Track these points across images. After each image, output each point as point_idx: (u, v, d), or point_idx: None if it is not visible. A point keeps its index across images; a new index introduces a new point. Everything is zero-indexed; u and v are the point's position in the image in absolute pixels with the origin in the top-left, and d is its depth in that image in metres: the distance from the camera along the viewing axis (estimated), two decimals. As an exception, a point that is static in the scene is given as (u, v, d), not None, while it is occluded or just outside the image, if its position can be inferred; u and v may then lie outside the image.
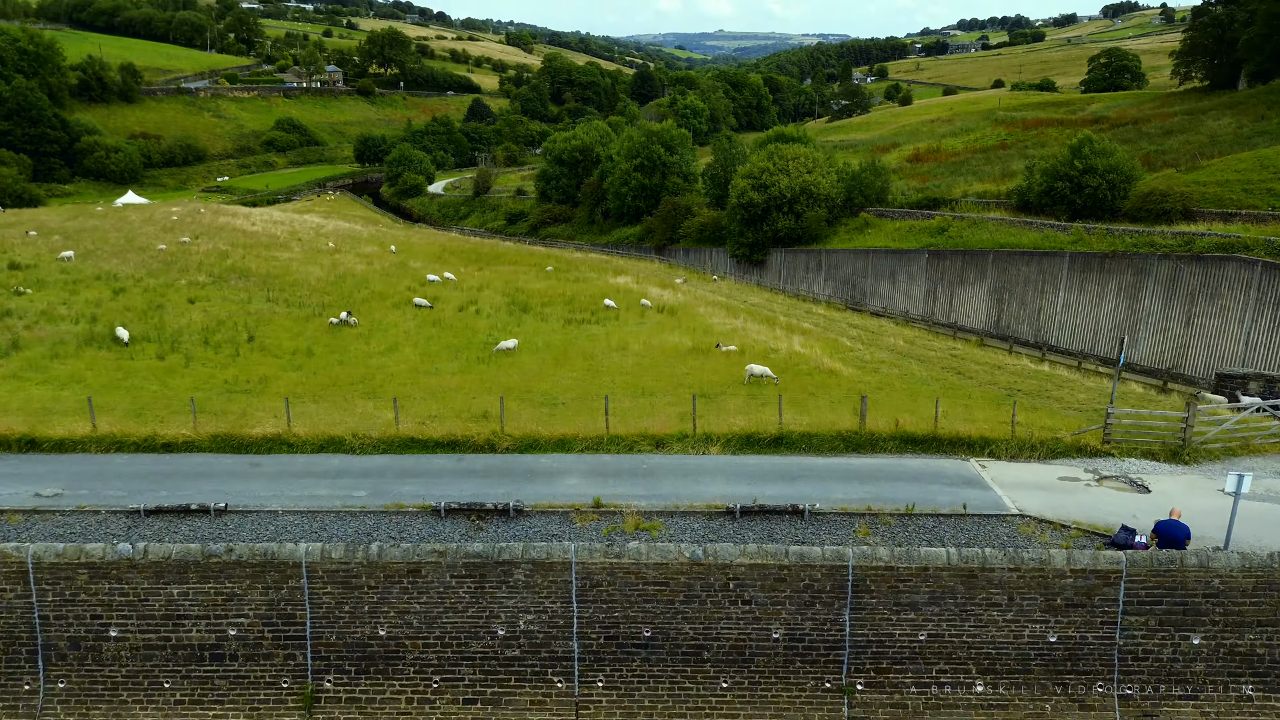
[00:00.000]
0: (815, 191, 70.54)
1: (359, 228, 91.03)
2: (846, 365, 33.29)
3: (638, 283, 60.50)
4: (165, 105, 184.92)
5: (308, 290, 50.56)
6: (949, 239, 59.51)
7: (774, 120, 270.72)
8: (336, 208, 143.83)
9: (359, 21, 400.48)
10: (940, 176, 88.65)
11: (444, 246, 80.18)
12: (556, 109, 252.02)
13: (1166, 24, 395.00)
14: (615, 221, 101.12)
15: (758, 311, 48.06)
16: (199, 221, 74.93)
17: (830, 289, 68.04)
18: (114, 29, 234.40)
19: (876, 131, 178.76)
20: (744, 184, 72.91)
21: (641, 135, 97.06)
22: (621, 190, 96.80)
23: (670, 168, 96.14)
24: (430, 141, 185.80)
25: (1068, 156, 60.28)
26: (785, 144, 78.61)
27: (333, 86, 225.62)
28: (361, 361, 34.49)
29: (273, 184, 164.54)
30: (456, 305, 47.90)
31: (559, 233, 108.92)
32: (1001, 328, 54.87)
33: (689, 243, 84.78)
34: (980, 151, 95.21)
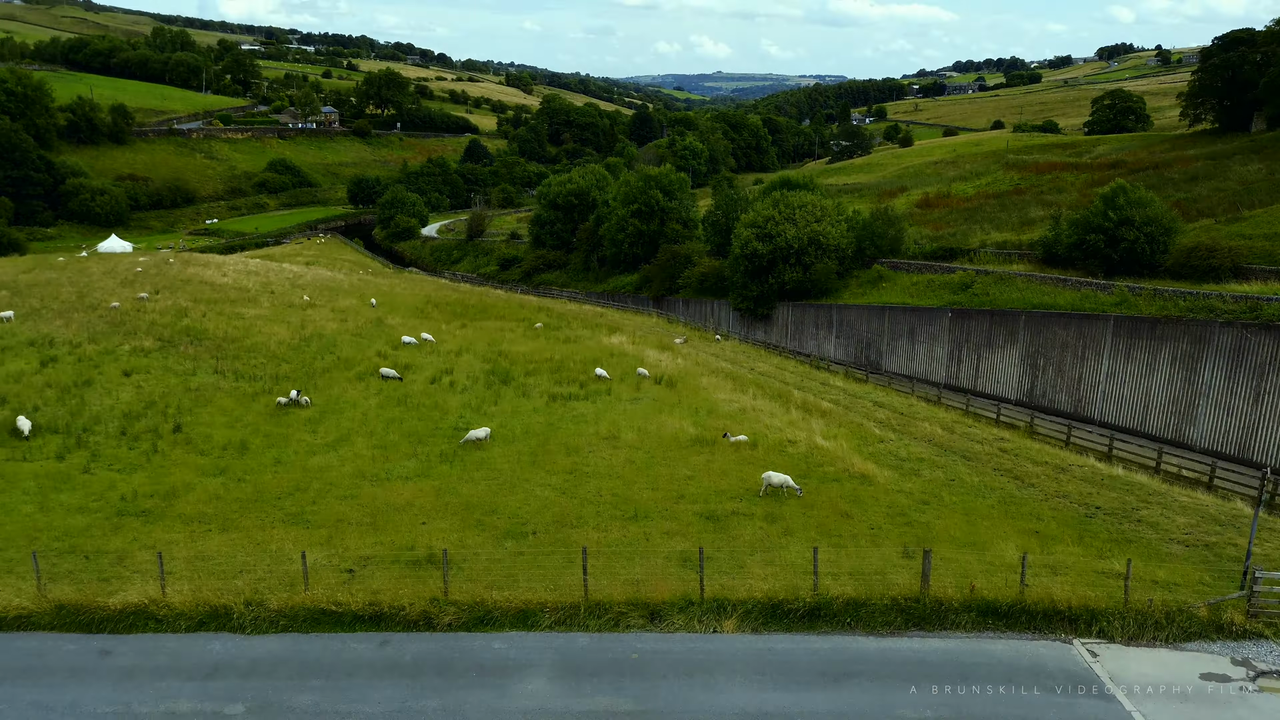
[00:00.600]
0: (824, 242, 65.42)
1: (341, 276, 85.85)
2: (881, 466, 27.61)
3: (634, 343, 55.05)
4: (156, 146, 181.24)
5: (265, 357, 45.04)
6: (974, 296, 54.16)
7: (773, 161, 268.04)
8: (324, 252, 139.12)
9: (359, 63, 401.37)
10: (954, 224, 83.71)
11: (428, 298, 74.90)
12: (554, 150, 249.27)
13: (1163, 66, 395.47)
14: (611, 269, 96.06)
15: (768, 383, 42.49)
16: (165, 274, 69.64)
17: (843, 348, 62.57)
18: (110, 70, 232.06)
19: (879, 174, 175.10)
20: (747, 233, 67.84)
21: (639, 180, 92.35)
22: (618, 237, 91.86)
23: (669, 213, 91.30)
24: (425, 183, 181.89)
25: (1100, 207, 55.17)
26: (791, 191, 73.71)
27: (329, 127, 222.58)
28: (301, 460, 28.80)
29: (263, 226, 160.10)
30: (429, 375, 42.34)
31: (553, 279, 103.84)
32: (1036, 396, 49.31)
33: (689, 293, 79.54)
34: (994, 197, 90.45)
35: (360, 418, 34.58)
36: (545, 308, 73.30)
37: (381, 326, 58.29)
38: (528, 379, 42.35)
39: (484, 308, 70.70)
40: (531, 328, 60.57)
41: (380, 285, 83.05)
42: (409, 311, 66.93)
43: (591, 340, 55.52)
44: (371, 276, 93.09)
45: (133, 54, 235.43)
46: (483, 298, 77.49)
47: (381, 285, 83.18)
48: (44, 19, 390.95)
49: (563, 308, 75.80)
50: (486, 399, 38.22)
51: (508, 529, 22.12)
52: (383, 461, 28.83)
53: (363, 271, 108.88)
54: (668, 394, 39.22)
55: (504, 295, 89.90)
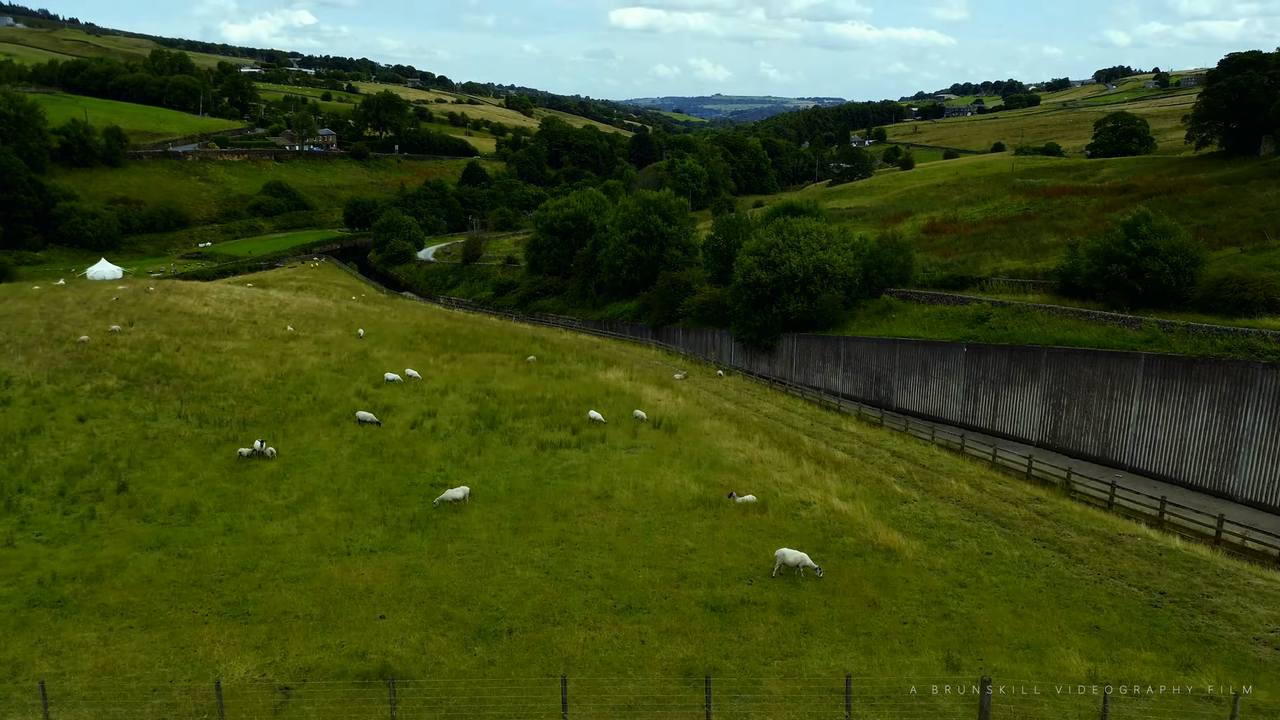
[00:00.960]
0: (830, 270, 62.49)
1: (330, 304, 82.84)
2: (907, 536, 24.40)
3: (631, 379, 51.91)
4: (151, 169, 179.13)
5: (236, 398, 41.90)
6: (990, 330, 51.11)
7: (773, 183, 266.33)
8: (318, 276, 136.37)
9: (360, 85, 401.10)
10: (963, 250, 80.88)
11: (418, 327, 71.81)
12: (553, 172, 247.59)
13: (1161, 88, 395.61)
14: (609, 295, 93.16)
15: (775, 428, 39.31)
16: (142, 304, 66.67)
17: (851, 382, 59.46)
18: (107, 93, 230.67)
19: (880, 196, 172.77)
20: (750, 261, 64.93)
21: (637, 205, 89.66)
22: (616, 263, 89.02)
23: (668, 239, 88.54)
24: (422, 205, 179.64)
25: (1121, 236, 52.23)
26: (795, 217, 70.90)
27: (326, 149, 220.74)
28: (255, 529, 25.58)
29: (256, 250, 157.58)
30: (410, 419, 39.18)
31: (549, 306, 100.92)
32: (1059, 438, 46.13)
33: (689, 322, 76.55)
34: (1002, 222, 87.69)
35: (329, 472, 31.37)
36: (540, 338, 70.22)
37: (366, 360, 55.21)
38: (516, 422, 39.20)
39: (475, 338, 67.62)
40: (524, 361, 57.48)
41: (370, 314, 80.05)
42: (397, 343, 63.87)
43: (586, 376, 52.41)
44: (362, 304, 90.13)
45: (130, 76, 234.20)
46: (475, 327, 74.44)
47: (371, 314, 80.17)
48: (45, 42, 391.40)
49: (558, 338, 72.74)
50: (470, 447, 35.05)
51: (479, 625, 18.88)
52: (346, 529, 25.60)
53: (355, 297, 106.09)
54: (667, 441, 36.05)
55: (498, 323, 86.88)
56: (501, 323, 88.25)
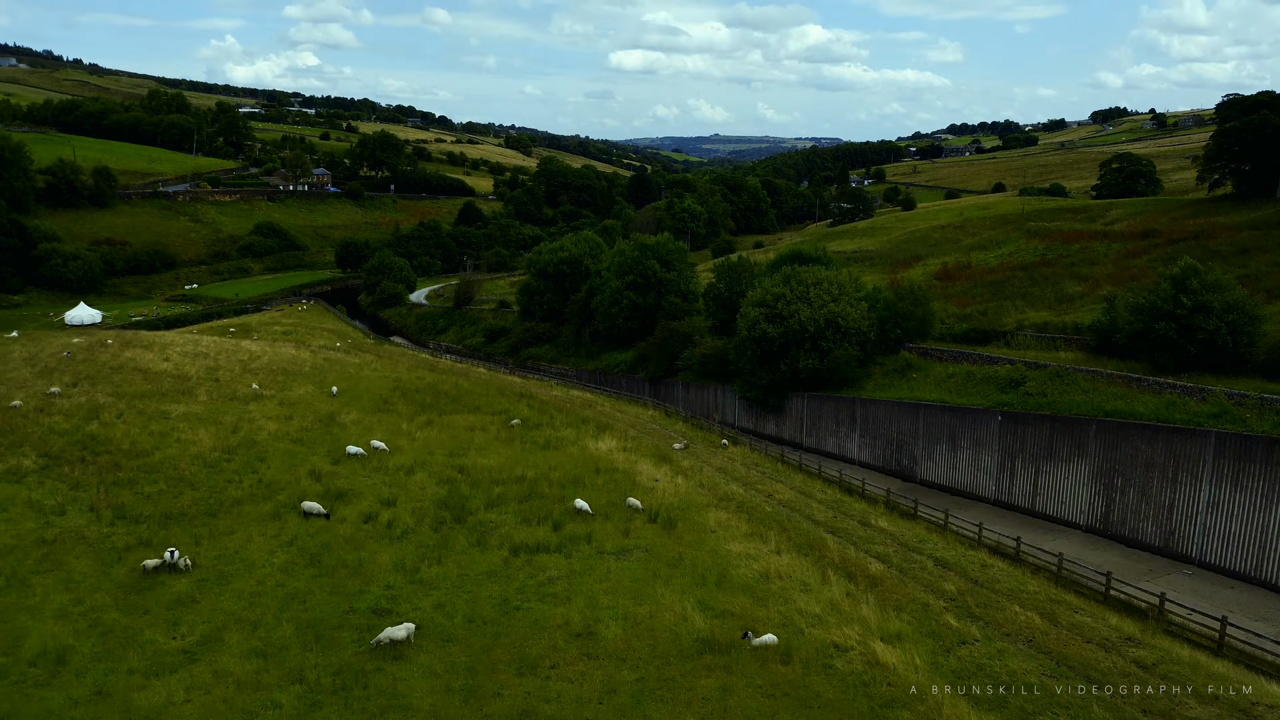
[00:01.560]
0: (843, 324, 57.05)
1: (306, 355, 77.30)
2: (978, 710, 18.48)
3: (625, 449, 46.18)
4: (140, 209, 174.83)
5: (167, 481, 36.13)
6: (1027, 397, 45.49)
7: (772, 223, 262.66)
8: (304, 320, 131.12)
9: (360, 125, 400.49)
10: (980, 299, 75.64)
11: (398, 383, 66.19)
12: (551, 211, 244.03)
13: (1159, 129, 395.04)
14: (605, 344, 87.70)
15: (792, 521, 33.46)
16: (95, 359, 61.10)
17: (869, 449, 53.69)
18: (101, 132, 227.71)
19: (884, 238, 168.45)
20: (755, 313, 59.55)
21: (634, 249, 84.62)
22: (612, 310, 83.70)
23: (666, 285, 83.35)
24: (415, 246, 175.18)
25: (1168, 290, 46.90)
26: (803, 265, 65.69)
27: (321, 189, 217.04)
28: (131, 694, 19.65)
29: (244, 292, 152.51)
30: (365, 509, 33.38)
31: (541, 354, 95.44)
32: (1112, 523, 40.28)
33: (689, 376, 70.98)
34: (1020, 269, 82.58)
35: (251, 592, 25.52)
36: (528, 394, 64.59)
37: (331, 427, 49.52)
38: (489, 513, 33.42)
39: (458, 396, 61.94)
40: (507, 425, 51.80)
41: (348, 366, 74.45)
42: (371, 403, 58.19)
43: (575, 445, 46.70)
44: (343, 353, 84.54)
45: (124, 116, 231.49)
46: (460, 381, 68.80)
47: (350, 366, 74.57)
48: (46, 82, 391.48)
49: (548, 393, 67.12)
50: (429, 551, 29.25)
51: None
52: (250, 692, 19.67)
53: (339, 344, 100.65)
54: (665, 541, 30.23)
55: (485, 375, 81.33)
56: (489, 374, 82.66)
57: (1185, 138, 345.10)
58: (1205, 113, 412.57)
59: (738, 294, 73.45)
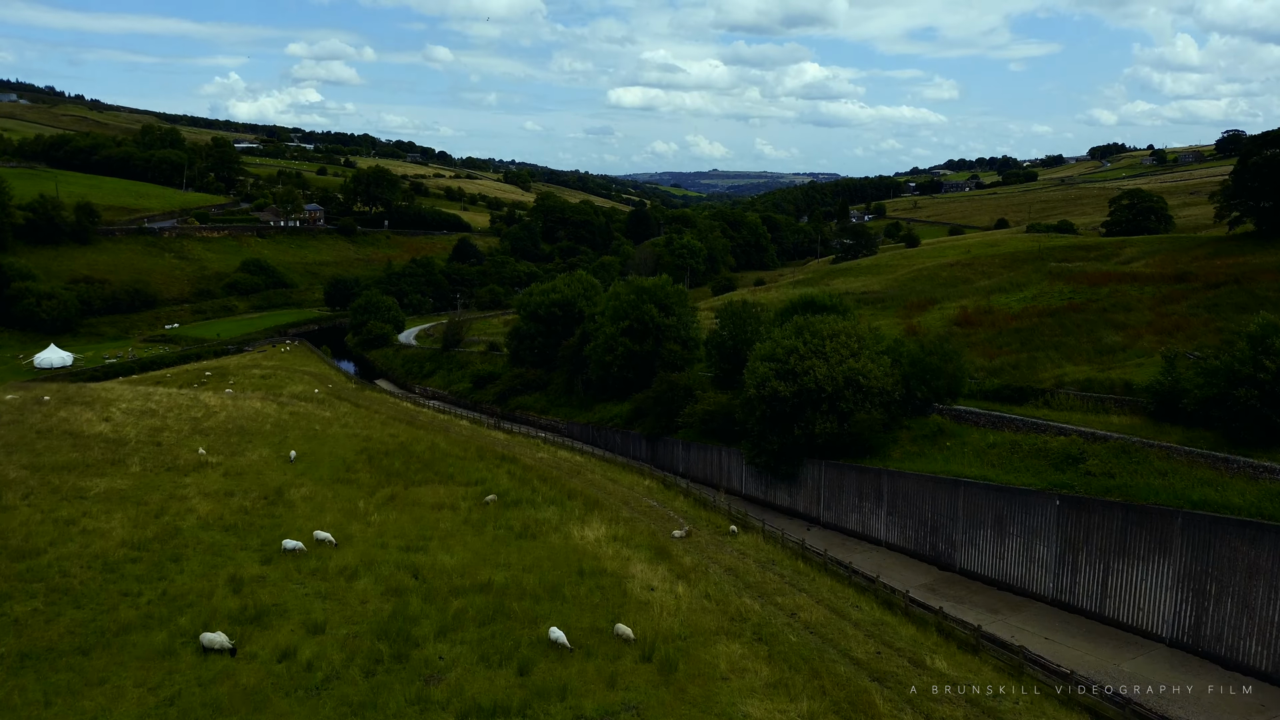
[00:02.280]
0: (865, 383, 50.09)
1: (272, 409, 70.33)
2: None
3: (616, 539, 39.05)
4: (123, 246, 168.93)
5: (49, 594, 28.99)
6: (1088, 478, 38.43)
7: (773, 259, 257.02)
8: (286, 362, 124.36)
9: (358, 160, 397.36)
10: (1008, 349, 68.82)
11: (367, 444, 59.17)
12: (548, 247, 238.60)
13: (1159, 165, 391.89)
14: (598, 394, 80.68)
15: (827, 663, 26.17)
16: (24, 420, 54.10)
17: (898, 529, 46.49)
18: (91, 167, 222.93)
19: (889, 276, 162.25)
20: (765, 369, 52.64)
21: (630, 292, 77.93)
22: (606, 359, 76.79)
23: (665, 331, 76.53)
24: (407, 284, 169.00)
25: (1246, 351, 40.04)
26: (816, 313, 58.96)
27: (313, 225, 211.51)
28: None
29: (227, 331, 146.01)
30: (283, 641, 26.19)
31: (531, 404, 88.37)
32: (1204, 639, 33.01)
33: (690, 434, 63.91)
34: (1048, 315, 75.87)
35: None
36: (510, 456, 57.48)
37: (277, 506, 42.46)
38: (440, 645, 26.27)
39: (431, 460, 54.85)
40: (481, 502, 44.73)
41: (317, 422, 67.39)
42: (331, 470, 51.14)
43: (558, 533, 39.54)
44: (314, 406, 77.49)
45: (115, 151, 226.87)
46: (437, 440, 61.74)
47: (318, 422, 67.54)
48: (44, 117, 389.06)
49: (533, 455, 60.00)
50: (353, 713, 22.03)
51: None
52: None
53: (317, 390, 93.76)
54: (662, 698, 23.04)
55: (468, 430, 74.31)
56: (472, 429, 75.53)
57: (1187, 173, 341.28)
58: (1205, 149, 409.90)
59: (743, 342, 66.67)
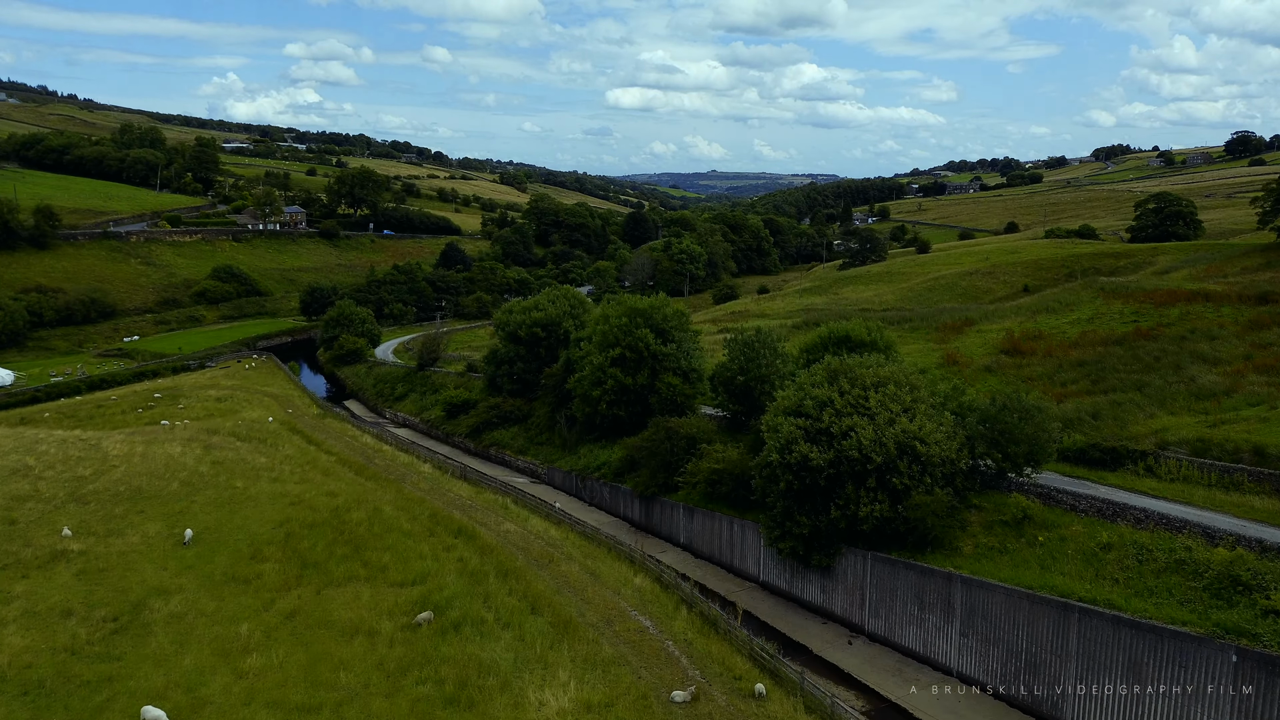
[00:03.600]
0: (924, 450, 37.60)
1: (190, 458, 57.78)
2: None
3: (589, 710, 26.57)
4: (85, 251, 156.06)
5: None
6: (1274, 620, 25.97)
7: (775, 264, 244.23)
8: (248, 381, 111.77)
9: (351, 160, 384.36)
10: (1075, 388, 56.22)
11: (292, 510, 46.65)
12: (542, 251, 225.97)
13: (1167, 166, 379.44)
14: (584, 433, 68.13)
15: None
16: None
17: (975, 655, 33.93)
18: (63, 168, 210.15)
19: (903, 284, 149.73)
20: (791, 428, 40.14)
21: (621, 314, 65.39)
22: (593, 393, 64.24)
23: (663, 361, 64.00)
24: (387, 292, 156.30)
25: None
26: (852, 351, 46.43)
27: (293, 228, 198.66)
28: None
29: (190, 345, 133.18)
30: None
31: (508, 440, 75.76)
32: None
33: (694, 497, 51.37)
34: (1114, 343, 63.26)
35: None
36: (469, 531, 44.94)
37: (122, 638, 30.28)
38: None
39: (366, 538, 42.28)
40: (412, 623, 32.33)
41: (242, 474, 54.79)
42: (230, 560, 38.70)
43: (505, 694, 27.11)
44: (251, 449, 64.80)
45: (88, 151, 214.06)
46: (382, 503, 49.21)
47: (244, 475, 54.93)
48: (30, 116, 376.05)
49: (497, 528, 47.47)
50: None
51: None
52: None
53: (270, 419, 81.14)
54: None
55: (429, 478, 61.84)
56: (434, 478, 62.93)
57: (1197, 175, 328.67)
58: (1214, 150, 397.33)
59: (757, 379, 54.28)
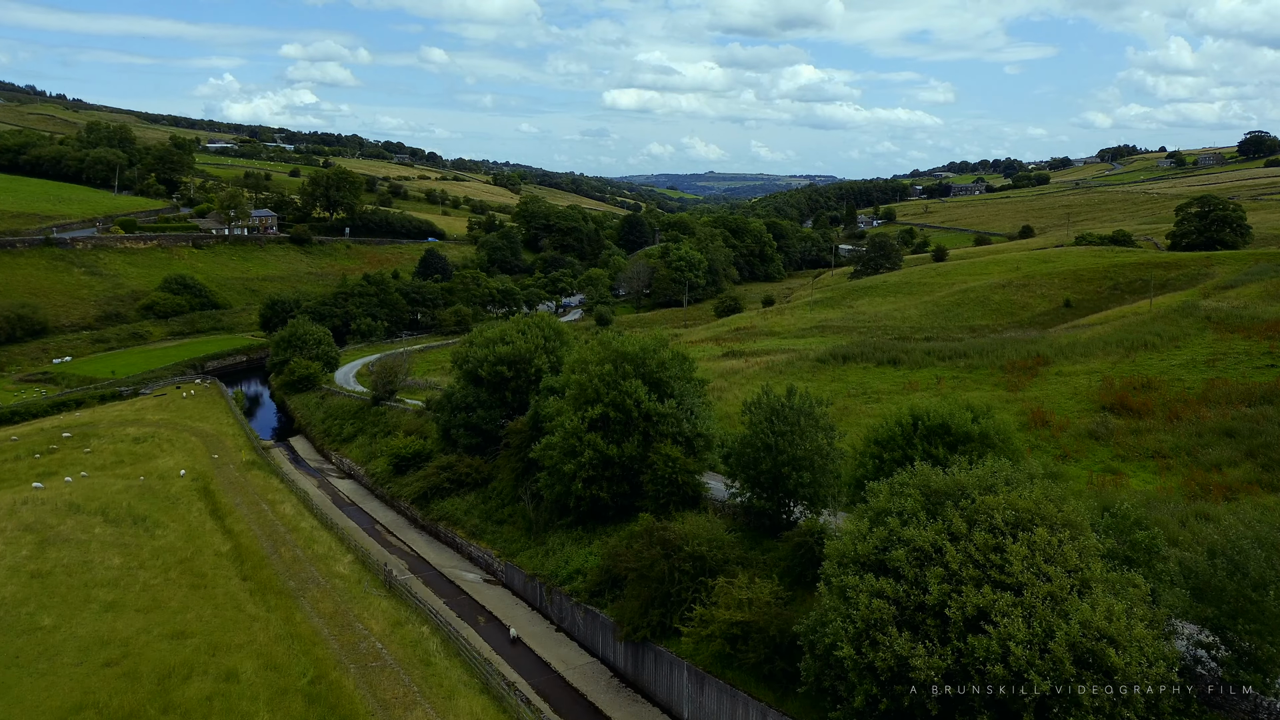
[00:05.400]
0: (1120, 663, 20.41)
1: (4, 570, 40.43)
2: None
3: None
4: (22, 260, 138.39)
5: None
6: None
7: (779, 270, 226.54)
8: (182, 413, 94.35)
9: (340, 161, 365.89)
10: (1244, 482, 38.96)
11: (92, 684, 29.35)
12: (531, 257, 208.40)
13: (1178, 168, 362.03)
14: (556, 517, 50.77)
15: None
16: None
17: None
18: (18, 168, 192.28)
19: (925, 298, 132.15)
20: (870, 599, 22.86)
21: (603, 361, 48.04)
22: (565, 467, 46.79)
23: (659, 424, 46.59)
24: (355, 305, 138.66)
25: None
26: (952, 451, 29.16)
27: (263, 233, 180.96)
28: None
29: (127, 367, 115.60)
30: None
31: (462, 514, 58.33)
32: None
33: (703, 655, 34.06)
34: (1262, 401, 46.07)
35: None
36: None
37: None
38: None
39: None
40: None
41: (60, 603, 37.54)
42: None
43: None
44: (109, 539, 47.36)
45: (46, 150, 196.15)
46: (256, 641, 31.98)
47: (67, 598, 37.62)
48: (10, 116, 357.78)
49: (405, 717, 30.10)
50: None
51: None
52: None
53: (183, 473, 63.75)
54: None
55: (346, 577, 44.49)
56: (346, 589, 45.42)
57: (1211, 177, 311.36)
58: (1227, 151, 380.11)
59: (791, 463, 37.06)
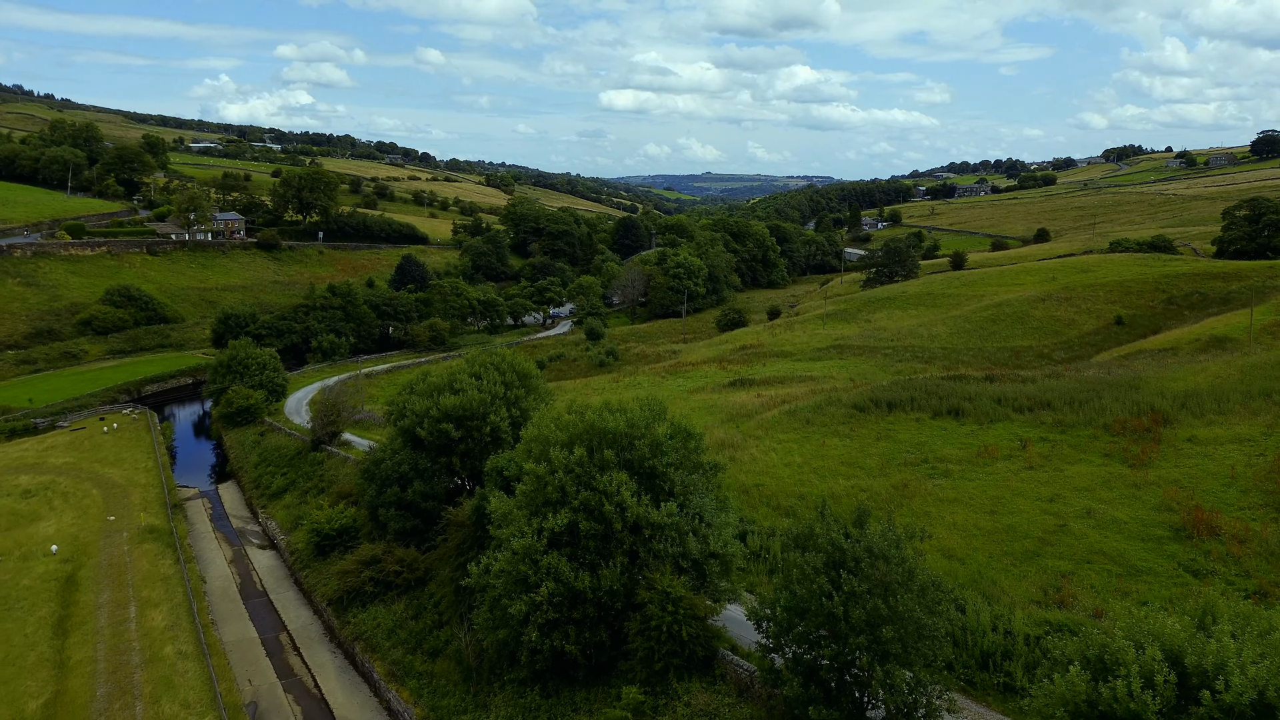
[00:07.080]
0: None
1: None
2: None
3: None
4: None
5: None
6: None
7: (782, 275, 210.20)
8: (97, 452, 77.99)
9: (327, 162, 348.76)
10: None
11: None
12: (519, 263, 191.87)
13: (1188, 168, 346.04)
14: (503, 664, 34.78)
15: None
16: None
17: None
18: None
19: (952, 312, 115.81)
20: None
21: (577, 434, 31.99)
22: (513, 608, 30.81)
23: (654, 538, 30.55)
24: (317, 319, 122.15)
25: None
26: None
27: (228, 238, 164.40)
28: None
29: (49, 394, 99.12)
30: None
31: (381, 639, 41.93)
32: None
33: None
34: None
35: None
36: None
37: None
38: None
39: None
40: None
41: None
42: None
43: None
44: None
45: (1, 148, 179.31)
46: None
47: None
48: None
49: None
50: None
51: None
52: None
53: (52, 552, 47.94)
54: None
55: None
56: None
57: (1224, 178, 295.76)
58: (1239, 150, 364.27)
59: (876, 651, 20.87)
